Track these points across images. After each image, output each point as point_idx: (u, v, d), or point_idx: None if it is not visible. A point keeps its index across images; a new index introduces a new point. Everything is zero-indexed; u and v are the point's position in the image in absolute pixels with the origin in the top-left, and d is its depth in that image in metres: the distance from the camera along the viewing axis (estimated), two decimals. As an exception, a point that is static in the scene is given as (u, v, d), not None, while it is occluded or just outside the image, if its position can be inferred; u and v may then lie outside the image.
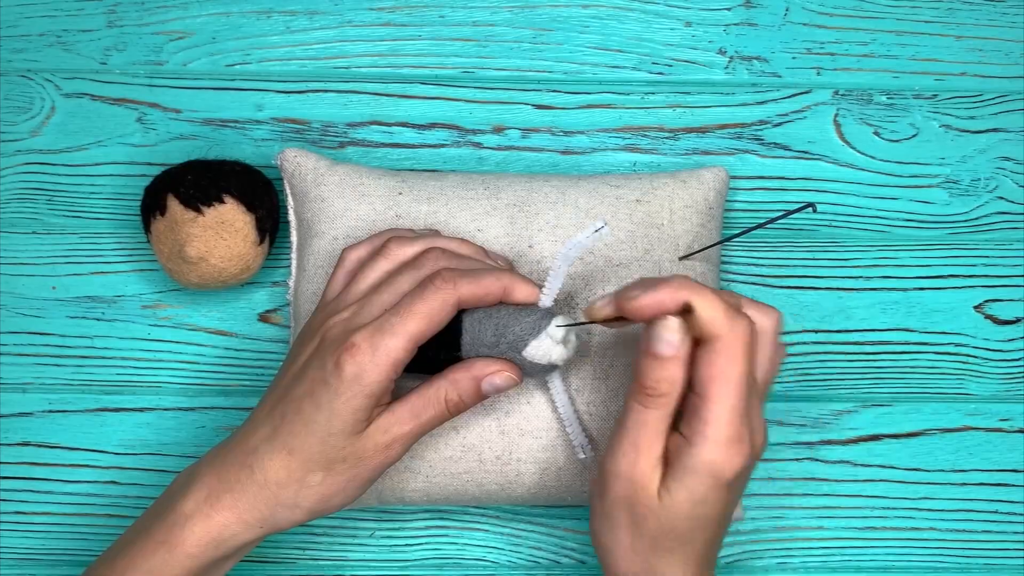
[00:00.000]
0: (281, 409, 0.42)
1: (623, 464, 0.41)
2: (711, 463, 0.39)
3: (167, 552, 0.41)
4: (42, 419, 0.53)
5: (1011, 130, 0.56)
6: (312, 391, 0.41)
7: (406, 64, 0.55)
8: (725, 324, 0.39)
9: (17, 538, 0.53)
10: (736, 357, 0.39)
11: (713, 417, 0.39)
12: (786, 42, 0.56)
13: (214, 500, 0.42)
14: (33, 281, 0.54)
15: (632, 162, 0.55)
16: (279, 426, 0.42)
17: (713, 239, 0.51)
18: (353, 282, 0.45)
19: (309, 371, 0.42)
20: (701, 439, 0.39)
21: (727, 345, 0.39)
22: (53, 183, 0.54)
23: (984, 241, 0.55)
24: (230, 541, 0.42)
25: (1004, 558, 0.54)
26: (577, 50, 0.56)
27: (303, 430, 0.41)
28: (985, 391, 0.55)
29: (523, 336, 0.42)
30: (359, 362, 0.40)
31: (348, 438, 0.41)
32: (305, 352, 0.43)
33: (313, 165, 0.50)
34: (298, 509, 0.42)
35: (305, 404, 0.41)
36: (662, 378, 0.40)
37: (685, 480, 0.40)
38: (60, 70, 0.55)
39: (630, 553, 0.42)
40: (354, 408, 0.41)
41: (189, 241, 0.49)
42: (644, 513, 0.41)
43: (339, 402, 0.40)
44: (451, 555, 0.53)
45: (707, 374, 0.39)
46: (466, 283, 0.42)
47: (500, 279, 0.42)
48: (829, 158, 0.55)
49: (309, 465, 0.41)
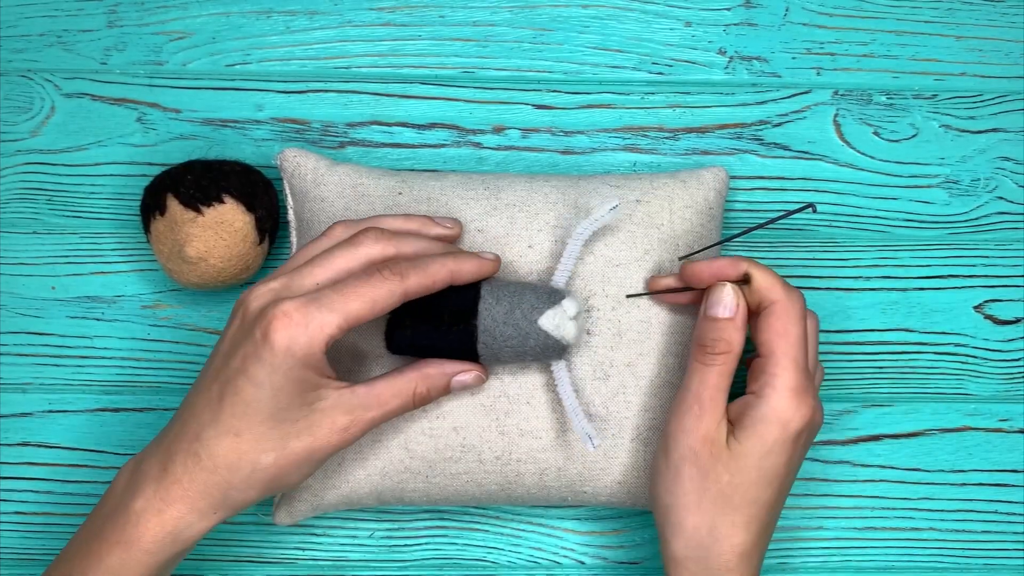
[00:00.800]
0: (218, 390, 0.41)
1: (689, 420, 0.44)
2: (780, 411, 0.43)
3: (123, 552, 0.41)
4: (42, 419, 0.53)
5: (1011, 130, 0.56)
6: (245, 368, 0.40)
7: (406, 64, 0.55)
8: (783, 290, 0.44)
9: (17, 538, 0.53)
10: (794, 318, 0.44)
11: (779, 369, 0.43)
12: (786, 42, 0.56)
13: (164, 494, 0.41)
14: (33, 281, 0.54)
15: (632, 162, 0.55)
16: (219, 409, 0.41)
17: (713, 239, 0.51)
18: (290, 258, 0.44)
19: (238, 348, 0.40)
20: (770, 390, 0.43)
21: (786, 308, 0.44)
22: (53, 183, 0.54)
23: (984, 241, 0.55)
24: (186, 532, 0.41)
25: (1003, 558, 0.54)
26: (577, 50, 0.56)
27: (246, 411, 0.40)
28: (985, 391, 0.55)
29: (539, 306, 0.44)
30: (290, 333, 0.39)
31: (298, 411, 0.41)
32: (232, 327, 0.42)
33: (313, 165, 0.50)
34: (252, 490, 0.42)
35: (242, 383, 0.40)
36: (720, 338, 0.44)
37: (756, 428, 0.43)
38: (60, 70, 0.55)
39: (695, 509, 0.44)
40: (295, 380, 0.40)
41: (189, 241, 0.49)
42: (713, 465, 0.43)
43: (278, 376, 0.40)
44: (451, 555, 0.53)
45: (769, 335, 0.43)
46: (414, 275, 0.42)
47: (444, 265, 0.43)
48: (829, 158, 0.55)
49: (260, 445, 0.41)
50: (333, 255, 0.42)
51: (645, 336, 0.48)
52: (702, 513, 0.43)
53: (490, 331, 0.44)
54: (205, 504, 0.41)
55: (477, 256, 0.45)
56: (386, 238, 0.43)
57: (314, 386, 0.41)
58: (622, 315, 0.48)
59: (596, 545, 0.54)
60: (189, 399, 0.42)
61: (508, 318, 0.44)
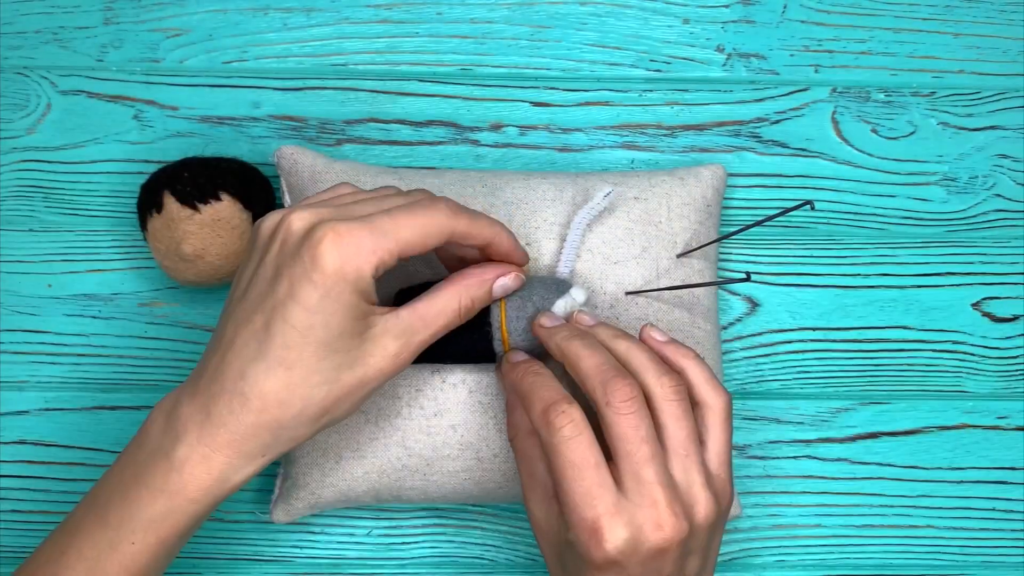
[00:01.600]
0: (263, 320, 0.38)
1: None
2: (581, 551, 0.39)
3: (168, 500, 0.39)
4: (38, 417, 0.53)
5: (1009, 127, 0.56)
6: (294, 293, 0.37)
7: (403, 61, 0.55)
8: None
9: (14, 537, 0.53)
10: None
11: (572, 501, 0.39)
12: (784, 39, 0.56)
13: (209, 440, 0.38)
14: (29, 279, 0.54)
15: (630, 159, 0.55)
16: (266, 339, 0.37)
17: (711, 236, 0.50)
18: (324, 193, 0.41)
19: (283, 272, 0.37)
20: None
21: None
22: (49, 181, 0.54)
23: (982, 239, 0.55)
24: (234, 477, 0.39)
25: (1001, 555, 0.54)
26: (575, 47, 0.55)
27: (299, 339, 0.37)
28: (983, 389, 0.55)
29: (549, 297, 0.44)
30: (342, 253, 0.37)
31: (352, 339, 0.38)
32: (271, 250, 0.38)
33: (310, 162, 0.50)
34: (302, 427, 0.39)
35: (291, 309, 0.37)
36: None
37: None
38: (56, 67, 0.55)
39: None
40: (348, 305, 0.37)
41: (186, 239, 0.49)
42: None
43: (331, 300, 0.37)
44: (448, 553, 0.53)
45: None
46: (465, 217, 0.40)
47: (493, 226, 0.41)
48: (827, 155, 0.55)
49: (312, 378, 0.38)
50: (386, 197, 0.40)
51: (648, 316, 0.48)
52: None
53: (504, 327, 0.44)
54: (254, 446, 0.39)
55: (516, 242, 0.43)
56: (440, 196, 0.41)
57: (364, 313, 0.38)
58: (620, 313, 0.48)
59: (594, 543, 0.54)
60: (226, 333, 0.39)
61: (520, 313, 0.44)
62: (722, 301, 0.54)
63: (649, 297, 0.48)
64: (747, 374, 0.54)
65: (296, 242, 0.38)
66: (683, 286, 0.46)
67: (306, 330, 0.37)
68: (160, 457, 0.39)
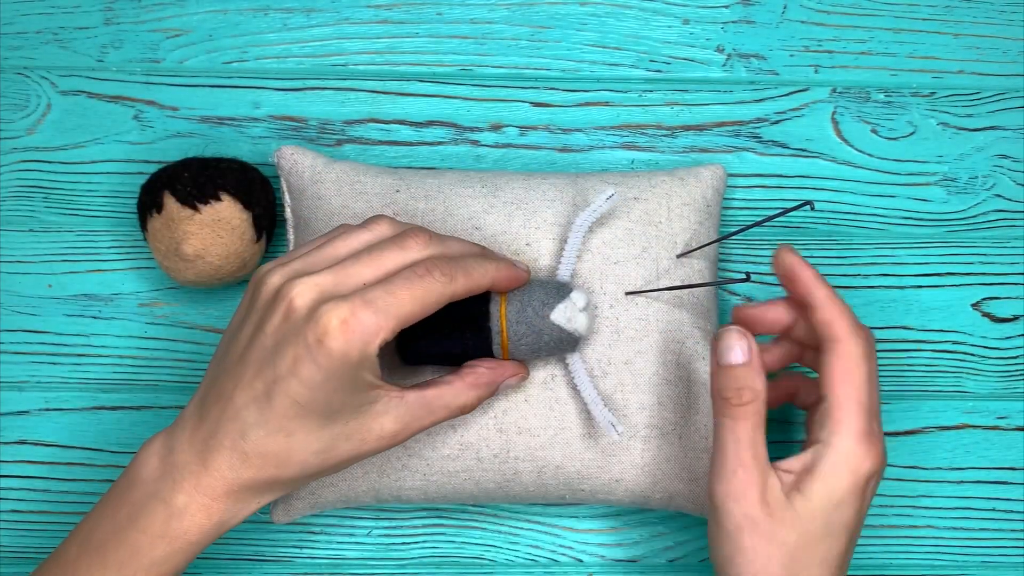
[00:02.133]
0: (265, 389, 0.39)
1: (736, 485, 0.41)
2: (851, 459, 0.41)
3: (168, 545, 0.40)
4: (39, 417, 0.53)
5: (1009, 128, 0.56)
6: (298, 371, 0.38)
7: (404, 61, 0.55)
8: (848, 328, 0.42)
9: (14, 537, 0.53)
10: (859, 358, 0.41)
11: (845, 415, 0.41)
12: (784, 40, 0.56)
13: (208, 490, 0.40)
14: (29, 279, 0.54)
15: (630, 160, 0.55)
16: (267, 407, 0.39)
17: (711, 237, 0.50)
18: (328, 244, 0.42)
19: (286, 346, 0.39)
20: (838, 438, 0.41)
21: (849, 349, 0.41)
22: (49, 181, 0.54)
23: (982, 239, 0.55)
24: (232, 520, 0.41)
25: (1002, 556, 0.54)
26: (575, 48, 0.55)
27: (299, 412, 0.39)
28: (983, 389, 0.55)
29: (548, 301, 0.44)
30: (347, 339, 0.38)
31: (352, 413, 0.40)
32: (272, 319, 0.39)
33: (310, 163, 0.50)
34: (295, 483, 0.41)
35: (294, 385, 0.38)
36: (743, 386, 0.41)
37: (827, 480, 0.40)
38: (56, 67, 0.55)
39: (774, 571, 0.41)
40: (350, 382, 0.39)
41: (186, 239, 0.49)
42: (775, 528, 0.40)
43: (333, 380, 0.38)
44: (448, 553, 0.53)
45: (832, 377, 0.41)
46: (461, 277, 0.41)
47: (488, 271, 0.42)
48: (827, 156, 0.55)
49: (310, 445, 0.40)
50: (382, 255, 0.41)
51: (643, 334, 0.48)
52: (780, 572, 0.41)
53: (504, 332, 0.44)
54: (251, 496, 0.41)
55: (514, 265, 0.44)
56: (434, 242, 0.42)
57: (366, 387, 0.40)
58: (620, 313, 0.48)
59: (594, 543, 0.54)
60: (224, 389, 0.40)
61: (520, 317, 0.44)
62: (722, 301, 0.54)
63: (649, 297, 0.48)
64: (747, 374, 0.54)
65: (299, 319, 0.39)
66: (683, 286, 0.46)
67: (307, 403, 0.39)
68: (158, 502, 0.40)
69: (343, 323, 0.38)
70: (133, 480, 0.41)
